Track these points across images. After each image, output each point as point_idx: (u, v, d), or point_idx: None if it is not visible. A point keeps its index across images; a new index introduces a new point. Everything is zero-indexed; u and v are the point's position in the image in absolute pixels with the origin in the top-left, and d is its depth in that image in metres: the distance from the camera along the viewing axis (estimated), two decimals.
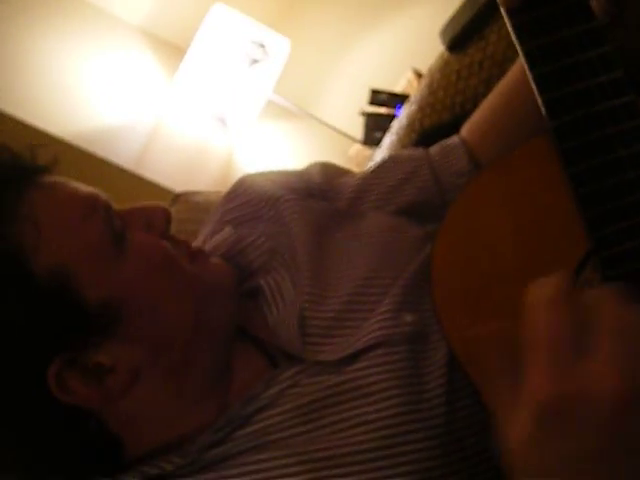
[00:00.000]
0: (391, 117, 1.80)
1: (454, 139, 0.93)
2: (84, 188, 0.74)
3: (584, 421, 0.45)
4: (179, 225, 1.13)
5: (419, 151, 0.94)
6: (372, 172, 0.93)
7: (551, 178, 0.66)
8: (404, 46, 2.04)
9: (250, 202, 0.89)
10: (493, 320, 0.61)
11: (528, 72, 0.65)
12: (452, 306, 0.66)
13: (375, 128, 1.92)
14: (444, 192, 0.90)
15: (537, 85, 0.64)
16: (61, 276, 0.67)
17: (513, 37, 0.64)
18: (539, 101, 0.65)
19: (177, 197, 1.24)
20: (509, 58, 1.04)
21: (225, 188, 0.95)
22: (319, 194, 0.90)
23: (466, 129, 0.93)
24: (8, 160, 0.73)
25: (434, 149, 0.94)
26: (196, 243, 0.93)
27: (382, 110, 1.92)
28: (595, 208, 0.64)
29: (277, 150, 2.15)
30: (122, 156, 1.90)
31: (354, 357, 0.73)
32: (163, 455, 0.71)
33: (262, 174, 0.94)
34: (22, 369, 0.66)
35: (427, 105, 1.19)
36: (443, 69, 1.16)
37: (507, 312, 0.64)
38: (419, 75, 1.92)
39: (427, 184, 0.90)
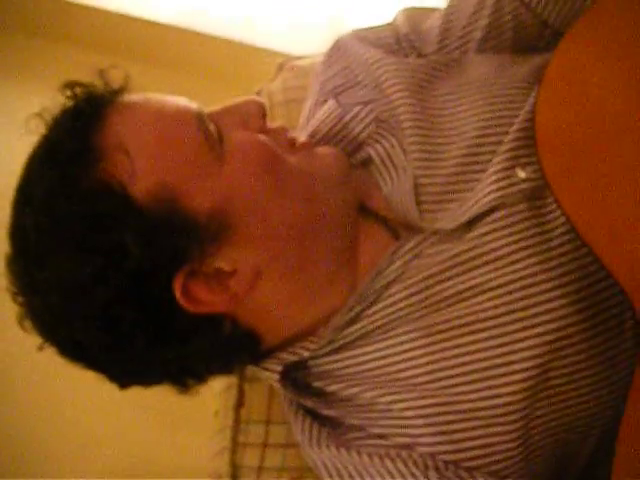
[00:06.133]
0: None
1: None
2: (170, 102, 0.72)
3: None
4: (287, 93, 1.12)
5: None
6: (449, 8, 0.88)
7: None
8: None
9: (348, 68, 0.87)
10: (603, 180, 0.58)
11: None
12: (561, 167, 0.62)
13: None
14: (526, 1, 0.84)
15: None
16: (164, 196, 0.67)
17: None
18: None
19: (282, 65, 1.22)
20: None
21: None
22: (407, 44, 0.87)
23: None
24: (80, 94, 0.72)
25: None
26: (302, 116, 0.92)
27: None
28: None
29: None
30: (225, 27, 1.87)
31: (473, 223, 0.72)
32: (300, 341, 0.75)
33: (355, 34, 0.91)
34: (149, 293, 0.67)
35: None
36: None
37: (619, 170, 0.61)
38: None
39: None
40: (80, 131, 0.69)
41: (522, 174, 0.72)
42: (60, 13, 1.93)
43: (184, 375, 0.74)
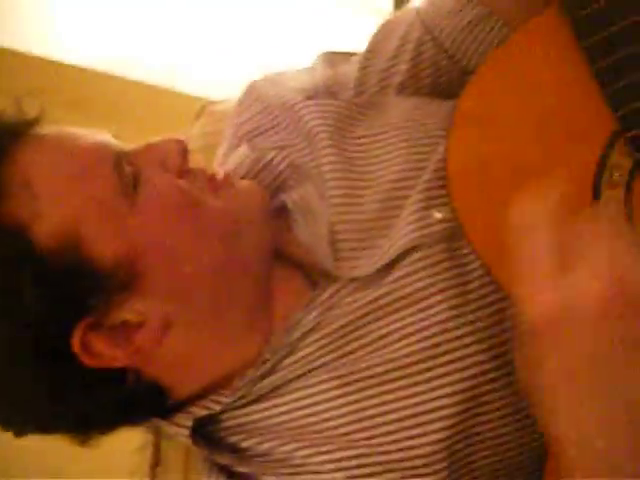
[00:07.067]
0: None
1: None
2: (87, 138, 0.69)
3: (574, 329, 0.47)
4: (205, 139, 1.10)
5: (408, 10, 0.87)
6: (367, 51, 0.86)
7: (567, 56, 0.60)
8: None
9: (263, 112, 0.85)
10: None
11: None
12: (472, 206, 0.62)
13: None
14: (445, 47, 0.82)
15: None
16: (68, 240, 0.64)
17: None
18: None
19: (202, 110, 1.20)
20: None
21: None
22: (325, 89, 0.85)
23: None
24: None
25: (422, 3, 0.86)
26: (215, 161, 0.90)
27: None
28: (615, 83, 0.57)
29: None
30: (146, 72, 1.86)
31: (390, 267, 0.70)
32: (212, 394, 0.72)
33: (271, 78, 0.89)
34: (46, 343, 0.64)
35: None
36: None
37: None
38: None
39: (423, 40, 0.83)
40: None
41: (438, 215, 0.70)
42: None
43: (83, 428, 0.71)
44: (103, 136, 0.70)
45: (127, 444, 0.94)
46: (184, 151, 0.72)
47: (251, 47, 1.87)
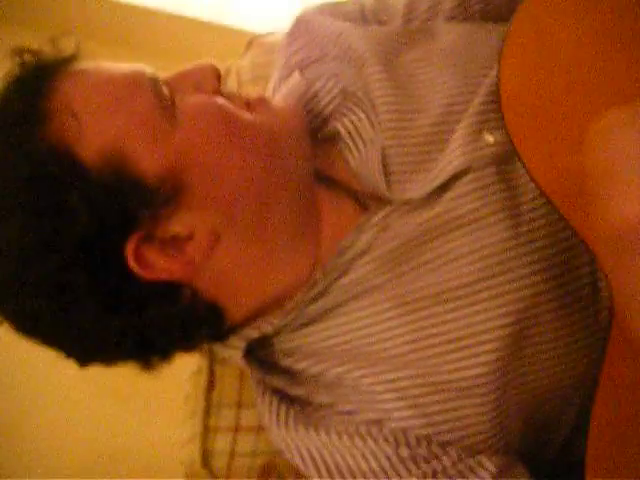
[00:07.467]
0: None
1: None
2: (124, 67, 0.70)
3: None
4: (255, 70, 1.10)
5: None
6: None
7: None
8: None
9: (314, 42, 0.84)
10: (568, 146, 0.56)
11: None
12: (525, 129, 0.60)
13: None
14: None
15: None
16: (112, 158, 0.65)
17: None
18: None
19: (251, 42, 1.19)
20: None
21: None
22: (373, 18, 0.85)
23: None
24: (29, 60, 0.70)
25: None
26: (267, 91, 0.90)
27: None
28: None
29: None
30: (198, 8, 1.85)
31: (442, 189, 0.70)
32: (264, 316, 0.73)
33: (319, 9, 0.88)
34: (100, 258, 0.65)
35: None
36: None
37: (581, 131, 0.59)
38: None
39: None
40: (27, 95, 0.67)
41: (491, 138, 0.70)
42: None
43: (144, 349, 0.72)
44: (137, 65, 0.72)
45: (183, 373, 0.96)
46: (218, 74, 0.73)
47: None
